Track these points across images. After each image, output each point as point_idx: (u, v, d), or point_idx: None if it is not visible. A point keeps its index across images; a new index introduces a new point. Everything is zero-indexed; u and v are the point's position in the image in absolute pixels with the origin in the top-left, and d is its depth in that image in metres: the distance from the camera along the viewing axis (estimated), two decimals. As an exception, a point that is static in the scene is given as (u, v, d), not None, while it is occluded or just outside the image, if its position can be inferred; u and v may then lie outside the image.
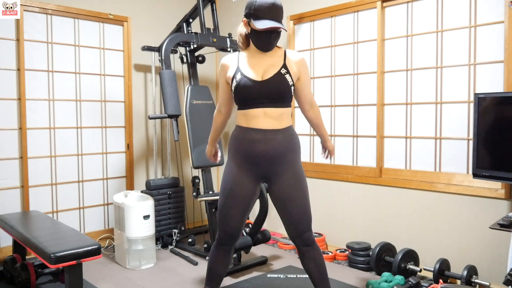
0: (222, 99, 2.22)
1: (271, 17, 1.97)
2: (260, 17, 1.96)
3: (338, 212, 3.63)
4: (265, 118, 2.03)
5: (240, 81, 2.03)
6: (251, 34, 2.04)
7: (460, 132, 2.95)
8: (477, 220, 2.83)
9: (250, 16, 2.00)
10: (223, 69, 2.14)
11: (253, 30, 2.01)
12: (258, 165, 2.08)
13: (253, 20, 1.98)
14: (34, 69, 3.46)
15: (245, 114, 2.07)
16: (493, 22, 2.77)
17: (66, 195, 3.67)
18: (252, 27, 2.01)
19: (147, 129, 4.17)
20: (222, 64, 2.15)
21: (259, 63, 2.07)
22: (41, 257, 2.28)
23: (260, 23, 1.95)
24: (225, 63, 2.15)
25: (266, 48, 2.05)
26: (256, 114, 2.04)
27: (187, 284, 2.96)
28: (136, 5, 4.04)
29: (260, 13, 1.96)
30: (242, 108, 2.08)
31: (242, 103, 2.07)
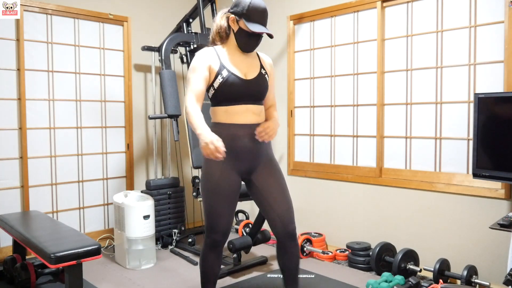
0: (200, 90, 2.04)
1: (262, 22, 2.06)
2: (253, 20, 2.02)
3: (338, 212, 3.63)
4: (248, 114, 2.08)
5: (227, 78, 2.03)
6: (238, 33, 2.08)
7: (460, 132, 2.95)
8: (477, 220, 2.83)
9: (241, 15, 2.03)
10: (204, 61, 2.06)
11: (242, 30, 2.05)
12: (242, 159, 2.09)
13: (246, 21, 2.02)
14: (34, 69, 3.46)
15: (226, 111, 2.07)
16: (493, 22, 2.77)
17: (66, 195, 3.67)
18: (241, 27, 2.05)
19: (147, 129, 4.17)
20: (204, 55, 2.07)
21: (240, 62, 2.11)
22: (41, 257, 2.28)
23: (253, 26, 2.01)
24: (206, 56, 2.08)
25: (251, 49, 2.13)
26: (239, 110, 2.07)
27: (187, 284, 2.96)
28: (136, 5, 4.04)
29: (254, 16, 2.02)
30: (224, 104, 2.07)
31: (225, 100, 2.07)
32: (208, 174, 2.10)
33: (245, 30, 2.04)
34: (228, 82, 2.03)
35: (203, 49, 2.14)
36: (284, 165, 4.01)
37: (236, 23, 2.07)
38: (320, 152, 3.78)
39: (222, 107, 2.08)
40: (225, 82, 2.03)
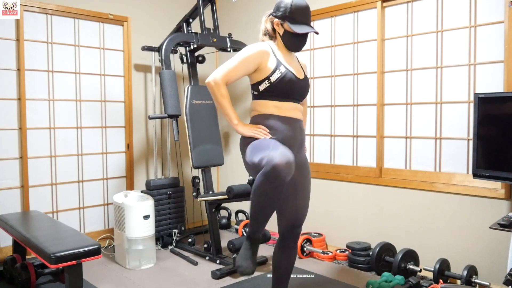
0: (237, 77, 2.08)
1: (306, 21, 2.07)
2: (298, 21, 2.04)
3: (338, 212, 3.63)
4: (296, 111, 2.14)
5: (286, 75, 2.06)
6: (284, 36, 2.10)
7: (460, 132, 2.95)
8: (477, 220, 2.83)
9: (285, 18, 2.05)
10: (262, 55, 2.07)
11: (288, 32, 2.08)
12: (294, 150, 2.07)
13: (290, 23, 2.04)
14: (34, 69, 3.46)
15: (278, 106, 2.09)
16: (493, 22, 2.77)
17: (66, 195, 3.67)
18: (287, 29, 2.07)
19: (147, 129, 4.17)
20: (262, 51, 2.07)
21: (290, 62, 2.15)
22: (41, 257, 2.28)
23: (298, 27, 2.04)
24: (265, 50, 2.09)
25: (299, 49, 2.16)
26: (290, 107, 2.11)
27: (187, 284, 2.96)
28: (136, 5, 4.04)
29: (297, 17, 2.04)
30: (276, 99, 2.09)
31: (279, 95, 2.08)
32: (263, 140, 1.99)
33: (291, 32, 2.06)
34: (286, 78, 2.06)
35: (263, 43, 2.13)
36: (284, 165, 4.00)
37: (281, 26, 2.09)
38: (320, 152, 3.78)
39: (273, 102, 2.09)
40: (284, 78, 2.05)
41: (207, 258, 3.42)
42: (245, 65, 2.07)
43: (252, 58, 2.06)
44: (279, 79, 2.05)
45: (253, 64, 2.06)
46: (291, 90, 2.09)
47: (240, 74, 2.09)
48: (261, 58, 2.07)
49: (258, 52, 2.07)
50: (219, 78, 2.05)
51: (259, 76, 2.08)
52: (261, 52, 2.08)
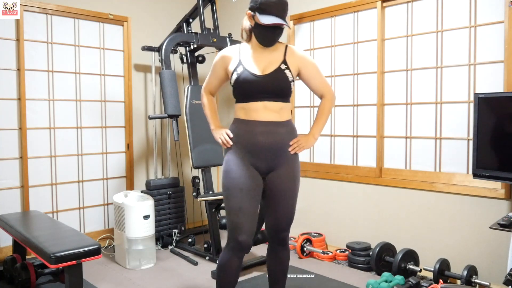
0: (214, 85, 2.24)
1: (276, 13, 1.94)
2: (266, 12, 1.93)
3: (338, 212, 3.63)
4: (265, 111, 2.02)
5: (240, 75, 2.02)
6: (255, 28, 2.02)
7: (460, 132, 2.95)
8: (477, 220, 2.83)
9: (255, 9, 1.96)
10: (224, 60, 2.12)
11: (257, 24, 1.98)
12: (259, 157, 2.04)
13: (259, 14, 1.95)
14: (34, 69, 3.46)
15: (244, 108, 2.05)
16: (493, 22, 2.77)
17: (66, 195, 3.67)
18: (256, 21, 1.98)
19: (147, 129, 4.17)
20: (223, 56, 2.13)
21: (260, 58, 2.05)
22: (41, 257, 2.28)
23: (265, 18, 1.93)
24: (226, 55, 2.13)
25: (268, 43, 2.03)
26: (256, 107, 2.02)
27: (187, 284, 2.96)
28: (136, 5, 4.04)
29: (266, 7, 1.93)
30: (241, 101, 2.07)
31: (241, 97, 2.06)
32: (228, 171, 2.05)
33: (259, 24, 1.97)
34: (240, 79, 2.01)
35: (228, 47, 2.18)
36: (284, 165, 4.00)
37: (252, 18, 2.01)
38: (320, 152, 3.78)
39: (240, 104, 2.08)
40: (238, 78, 2.02)
41: (207, 258, 3.42)
42: (215, 72, 2.19)
43: (218, 65, 2.15)
44: (235, 81, 2.04)
45: (221, 70, 2.15)
46: (250, 89, 2.01)
47: (216, 82, 2.21)
48: (225, 63, 2.12)
49: (220, 58, 2.14)
50: (203, 89, 2.28)
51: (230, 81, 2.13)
52: (223, 57, 2.13)
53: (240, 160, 2.04)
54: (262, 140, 2.01)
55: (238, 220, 2.00)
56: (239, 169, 2.02)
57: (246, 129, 2.04)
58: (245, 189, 2.00)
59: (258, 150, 2.03)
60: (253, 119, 2.02)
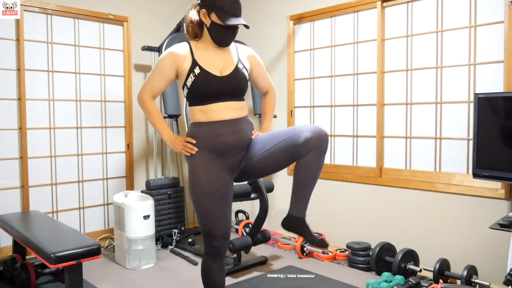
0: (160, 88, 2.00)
1: (236, 13, 1.90)
2: (226, 12, 1.87)
3: (338, 212, 3.63)
4: (228, 110, 1.95)
5: (199, 76, 1.89)
6: (211, 27, 1.91)
7: (460, 132, 2.95)
8: (477, 220, 2.83)
9: (213, 8, 1.87)
10: (174, 58, 1.92)
11: (215, 24, 1.90)
12: (229, 156, 1.96)
13: (217, 13, 1.87)
14: (34, 69, 3.46)
15: (203, 110, 1.93)
16: (493, 22, 2.77)
17: (66, 195, 3.67)
18: (214, 21, 1.89)
19: (147, 129, 4.17)
20: (173, 53, 1.93)
21: (215, 57, 1.96)
22: (41, 257, 2.28)
23: (228, 18, 1.87)
24: (177, 52, 1.93)
25: (227, 43, 1.97)
26: (217, 108, 1.93)
27: (187, 284, 2.96)
28: (136, 5, 4.04)
29: (226, 7, 1.87)
30: (199, 103, 1.93)
31: (199, 99, 1.93)
32: (196, 177, 1.95)
33: (219, 24, 1.88)
34: (200, 80, 1.89)
35: (176, 45, 1.97)
36: (284, 165, 4.00)
37: (207, 17, 1.90)
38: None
39: (198, 107, 1.94)
40: (197, 80, 1.89)
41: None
42: (161, 73, 1.96)
43: (166, 64, 1.94)
44: (193, 83, 1.90)
45: (169, 70, 1.94)
46: (211, 91, 1.91)
47: (162, 84, 1.98)
48: (176, 62, 1.92)
49: (169, 56, 1.93)
50: (143, 94, 2.00)
51: (180, 82, 1.97)
52: (173, 55, 1.93)
53: (206, 165, 1.94)
54: (229, 140, 1.94)
55: (210, 226, 1.95)
56: (206, 174, 1.93)
57: (209, 132, 1.93)
58: (214, 194, 1.93)
59: (226, 150, 1.95)
60: (214, 120, 1.93)
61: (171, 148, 2.03)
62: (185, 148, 1.96)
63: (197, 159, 1.95)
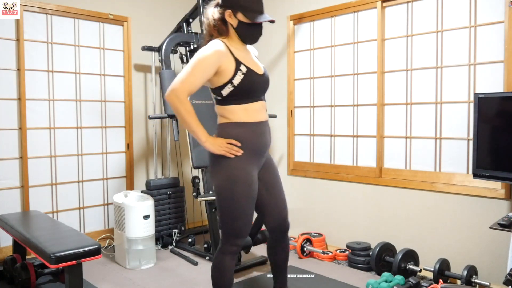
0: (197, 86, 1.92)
1: (261, 9, 1.94)
2: (253, 10, 1.91)
3: (338, 212, 3.63)
4: (262, 111, 2.04)
5: (247, 74, 1.92)
6: (239, 27, 1.94)
7: (460, 132, 2.95)
8: (477, 220, 2.83)
9: (238, 7, 1.91)
10: (219, 56, 1.90)
11: (243, 23, 1.93)
12: (261, 156, 2.07)
13: (244, 12, 1.90)
14: (34, 69, 3.46)
15: (246, 109, 1.97)
16: (493, 22, 2.77)
17: (66, 195, 3.67)
18: (241, 20, 1.92)
19: (147, 129, 4.17)
20: (219, 51, 1.91)
21: (248, 56, 2.00)
22: (41, 257, 2.28)
23: (255, 16, 1.91)
24: (221, 50, 1.92)
25: (255, 40, 2.01)
26: (257, 107, 2.01)
27: (187, 284, 2.96)
28: (136, 5, 4.04)
29: (252, 5, 1.91)
30: (243, 102, 1.96)
31: (244, 97, 1.96)
32: (235, 178, 1.94)
33: (247, 22, 1.92)
34: (248, 79, 1.93)
35: (215, 43, 1.94)
36: (284, 165, 4.01)
37: (233, 17, 1.94)
38: (320, 152, 3.78)
39: (242, 105, 1.96)
40: (246, 78, 1.92)
41: (207, 258, 3.42)
42: (203, 71, 1.89)
43: (210, 61, 1.89)
44: (242, 80, 1.91)
45: (213, 68, 1.90)
46: (255, 89, 1.98)
47: (200, 82, 1.91)
48: (219, 60, 1.90)
49: (214, 54, 1.89)
50: (181, 92, 1.88)
51: (220, 80, 1.93)
52: (217, 53, 1.90)
53: (246, 166, 1.97)
54: (265, 140, 2.05)
55: (241, 226, 2.00)
56: (248, 176, 1.97)
57: (254, 132, 1.99)
58: (252, 196, 2.01)
59: (264, 150, 2.07)
60: (256, 121, 2.00)
61: (209, 149, 1.97)
62: (230, 150, 1.94)
63: (237, 160, 1.97)
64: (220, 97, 1.99)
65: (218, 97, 2.00)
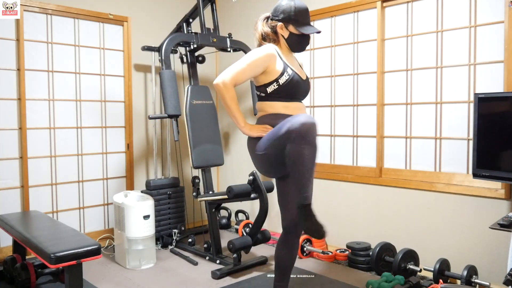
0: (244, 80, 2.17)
1: (309, 22, 2.22)
2: (303, 23, 2.18)
3: (338, 212, 3.63)
4: (301, 110, 2.26)
5: (293, 77, 2.16)
6: (290, 38, 2.21)
7: (460, 132, 2.95)
8: (477, 220, 2.83)
9: (289, 21, 2.17)
10: (270, 58, 2.15)
11: (294, 34, 2.19)
12: None
13: (296, 25, 2.17)
14: (34, 69, 3.46)
15: (286, 106, 2.19)
16: (493, 22, 2.77)
17: (66, 195, 3.67)
18: (292, 32, 2.19)
19: (147, 129, 4.17)
20: (271, 55, 2.15)
21: (294, 63, 2.26)
22: (41, 257, 2.28)
23: (306, 28, 2.18)
24: (273, 54, 2.17)
25: (303, 49, 2.28)
26: (296, 106, 2.23)
27: (187, 284, 2.96)
28: (136, 5, 4.04)
29: (302, 19, 2.17)
30: (285, 100, 2.19)
31: (286, 95, 2.19)
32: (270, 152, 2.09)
33: (297, 34, 2.18)
34: (293, 80, 2.16)
35: (269, 47, 2.19)
36: (284, 165, 4.00)
37: (285, 29, 2.20)
38: (320, 152, 3.78)
39: (282, 103, 2.19)
40: (291, 80, 2.16)
41: (207, 258, 3.42)
42: (253, 68, 2.15)
43: (261, 61, 2.14)
44: (287, 81, 2.15)
45: (261, 67, 2.15)
46: (297, 91, 2.21)
47: (248, 76, 2.17)
48: (269, 61, 2.15)
49: (266, 55, 2.15)
50: (228, 80, 2.12)
51: (266, 78, 2.17)
52: (269, 56, 2.15)
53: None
54: None
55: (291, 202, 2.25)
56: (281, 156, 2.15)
57: None
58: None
59: None
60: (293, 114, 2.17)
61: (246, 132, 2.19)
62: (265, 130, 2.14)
63: None
64: (264, 94, 2.22)
65: (262, 94, 2.23)
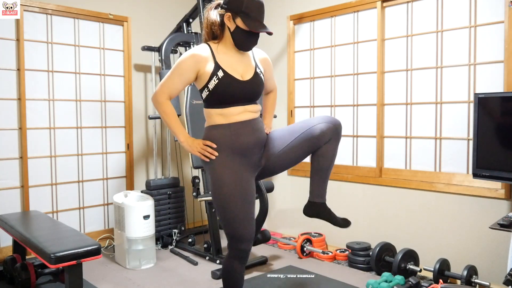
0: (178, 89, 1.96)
1: (261, 19, 1.92)
2: (252, 17, 1.88)
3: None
4: (245, 113, 1.97)
5: (222, 80, 1.89)
6: (236, 32, 1.92)
7: (460, 132, 2.95)
8: (477, 220, 2.83)
9: (238, 12, 1.88)
10: (196, 60, 1.91)
11: (240, 29, 1.90)
12: (249, 154, 1.97)
13: (243, 19, 1.88)
14: (34, 69, 3.46)
15: (222, 114, 1.94)
16: (493, 22, 2.77)
17: (66, 195, 3.67)
18: (239, 25, 1.90)
19: (147, 129, 4.17)
20: (196, 55, 1.91)
21: (236, 61, 1.97)
22: (41, 257, 2.28)
23: (256, 25, 1.89)
24: (199, 54, 1.92)
25: (250, 48, 2.00)
26: (237, 111, 1.94)
27: (187, 284, 2.96)
28: (136, 5, 4.04)
29: (252, 13, 1.88)
30: (218, 106, 1.94)
31: (219, 102, 1.93)
32: (220, 180, 1.93)
33: (244, 29, 1.89)
34: (223, 84, 1.89)
35: (198, 47, 1.96)
36: (284, 165, 4.00)
37: (232, 21, 1.91)
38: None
39: (217, 109, 1.94)
40: (220, 83, 1.89)
41: (207, 258, 3.42)
42: (180, 75, 1.93)
43: (187, 66, 1.91)
44: (216, 86, 1.89)
45: (189, 71, 1.92)
46: (233, 95, 1.92)
47: (180, 85, 1.95)
48: (197, 64, 1.91)
49: (191, 58, 1.91)
50: (159, 94, 1.95)
51: (199, 83, 1.95)
52: (195, 57, 1.91)
53: (228, 166, 1.94)
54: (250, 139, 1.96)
55: (237, 229, 1.95)
56: (230, 175, 1.93)
57: (230, 132, 1.93)
58: (240, 195, 1.93)
59: (248, 149, 1.96)
60: (233, 122, 1.94)
61: (187, 150, 2.01)
62: (204, 152, 1.94)
63: (218, 162, 1.94)
64: (202, 100, 2.02)
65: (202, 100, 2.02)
